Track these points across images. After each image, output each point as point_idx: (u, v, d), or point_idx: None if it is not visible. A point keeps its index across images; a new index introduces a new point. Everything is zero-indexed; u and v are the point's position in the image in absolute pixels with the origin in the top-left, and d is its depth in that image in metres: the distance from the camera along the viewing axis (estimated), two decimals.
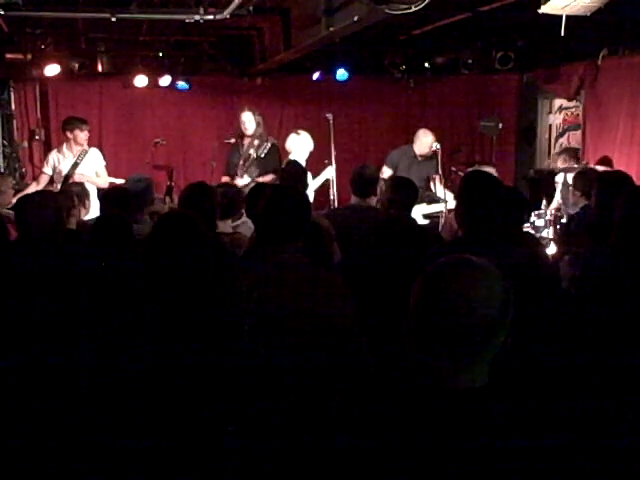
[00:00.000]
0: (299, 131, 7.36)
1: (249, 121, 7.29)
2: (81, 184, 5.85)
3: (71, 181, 6.67)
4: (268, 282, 2.68)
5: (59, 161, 7.09)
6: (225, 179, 7.28)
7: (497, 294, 1.45)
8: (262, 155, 7.13)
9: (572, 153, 7.35)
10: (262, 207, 2.81)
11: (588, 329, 2.93)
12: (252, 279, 2.71)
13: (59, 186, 6.68)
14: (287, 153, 7.22)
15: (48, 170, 7.12)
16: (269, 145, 7.20)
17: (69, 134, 7.06)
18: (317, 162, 7.44)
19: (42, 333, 2.97)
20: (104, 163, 7.27)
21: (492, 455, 1.35)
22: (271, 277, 2.68)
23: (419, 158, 7.33)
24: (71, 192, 5.17)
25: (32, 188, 6.54)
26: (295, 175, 5.20)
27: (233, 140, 7.59)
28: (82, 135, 7.06)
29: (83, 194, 5.27)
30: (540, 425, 1.42)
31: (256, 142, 7.24)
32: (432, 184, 7.27)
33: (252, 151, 7.19)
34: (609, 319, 2.89)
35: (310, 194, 6.47)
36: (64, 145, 7.18)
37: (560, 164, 7.08)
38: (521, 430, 1.39)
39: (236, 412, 2.62)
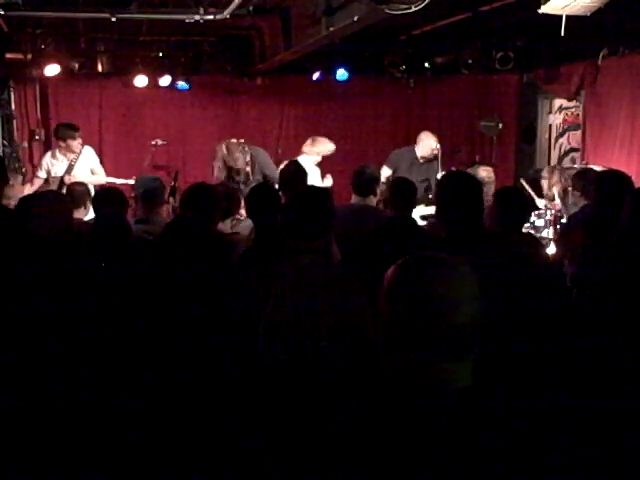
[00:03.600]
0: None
1: (237, 158, 6.94)
2: (84, 184, 5.84)
3: (69, 182, 6.65)
4: (285, 282, 2.67)
5: (52, 165, 7.08)
6: None
7: (475, 293, 1.44)
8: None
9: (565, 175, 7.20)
10: (285, 206, 2.80)
11: (588, 327, 2.93)
12: (269, 278, 2.71)
13: (55, 189, 6.66)
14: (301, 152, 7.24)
15: (42, 174, 7.10)
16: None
17: (62, 143, 7.05)
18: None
19: (44, 332, 2.97)
20: (98, 160, 7.27)
21: (476, 457, 1.34)
22: (289, 277, 2.68)
23: (420, 160, 7.34)
24: (74, 192, 5.17)
25: (27, 191, 6.51)
26: (293, 175, 5.18)
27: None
28: (75, 143, 7.04)
29: (86, 194, 5.27)
30: (540, 424, 1.42)
31: (247, 158, 6.96)
32: (432, 186, 7.28)
33: (248, 168, 6.91)
34: (609, 317, 2.90)
35: None
36: (57, 150, 7.16)
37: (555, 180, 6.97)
38: (511, 430, 1.38)
39: (247, 411, 2.62)
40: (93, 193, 5.47)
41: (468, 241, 2.98)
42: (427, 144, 7.29)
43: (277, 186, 5.19)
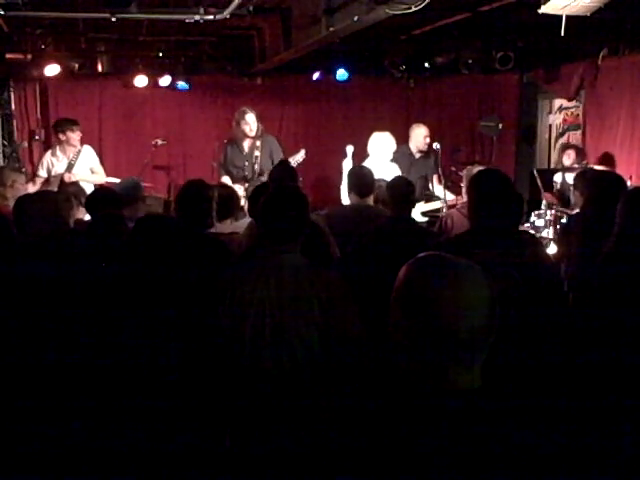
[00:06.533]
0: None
1: (253, 122, 7.23)
2: (76, 184, 5.82)
3: (68, 182, 6.65)
4: (269, 283, 2.68)
5: (53, 164, 7.08)
6: (226, 179, 7.26)
7: (486, 297, 1.41)
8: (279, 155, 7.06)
9: (578, 151, 7.37)
10: (261, 207, 2.81)
11: (586, 327, 2.93)
12: (252, 281, 2.71)
13: (56, 189, 6.66)
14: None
15: (43, 173, 7.10)
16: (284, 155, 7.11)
17: (61, 136, 7.05)
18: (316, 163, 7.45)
19: (38, 332, 2.97)
20: (98, 159, 7.27)
21: (481, 459, 1.33)
22: (272, 278, 2.68)
23: (417, 155, 7.40)
24: (69, 192, 5.17)
25: (30, 190, 6.50)
26: (282, 177, 5.14)
27: (226, 141, 7.54)
28: (74, 136, 7.04)
29: (80, 194, 5.27)
30: (538, 425, 1.41)
31: (258, 143, 7.24)
32: (430, 183, 7.30)
33: (257, 152, 7.18)
34: (607, 318, 2.90)
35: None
36: (57, 147, 7.16)
37: (565, 159, 7.11)
38: (514, 432, 1.37)
39: (235, 412, 2.62)
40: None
41: (476, 241, 2.96)
42: (418, 134, 7.38)
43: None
